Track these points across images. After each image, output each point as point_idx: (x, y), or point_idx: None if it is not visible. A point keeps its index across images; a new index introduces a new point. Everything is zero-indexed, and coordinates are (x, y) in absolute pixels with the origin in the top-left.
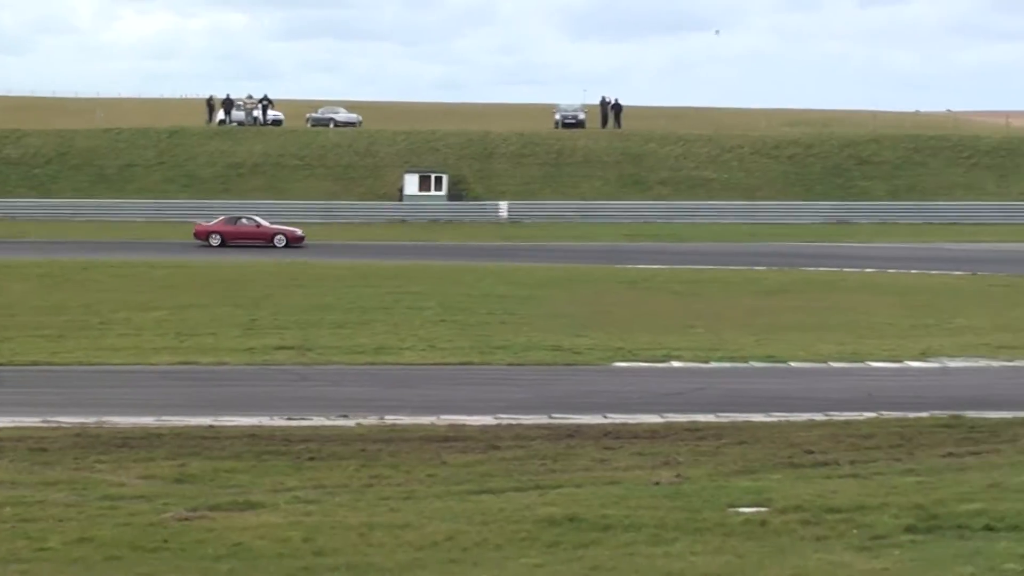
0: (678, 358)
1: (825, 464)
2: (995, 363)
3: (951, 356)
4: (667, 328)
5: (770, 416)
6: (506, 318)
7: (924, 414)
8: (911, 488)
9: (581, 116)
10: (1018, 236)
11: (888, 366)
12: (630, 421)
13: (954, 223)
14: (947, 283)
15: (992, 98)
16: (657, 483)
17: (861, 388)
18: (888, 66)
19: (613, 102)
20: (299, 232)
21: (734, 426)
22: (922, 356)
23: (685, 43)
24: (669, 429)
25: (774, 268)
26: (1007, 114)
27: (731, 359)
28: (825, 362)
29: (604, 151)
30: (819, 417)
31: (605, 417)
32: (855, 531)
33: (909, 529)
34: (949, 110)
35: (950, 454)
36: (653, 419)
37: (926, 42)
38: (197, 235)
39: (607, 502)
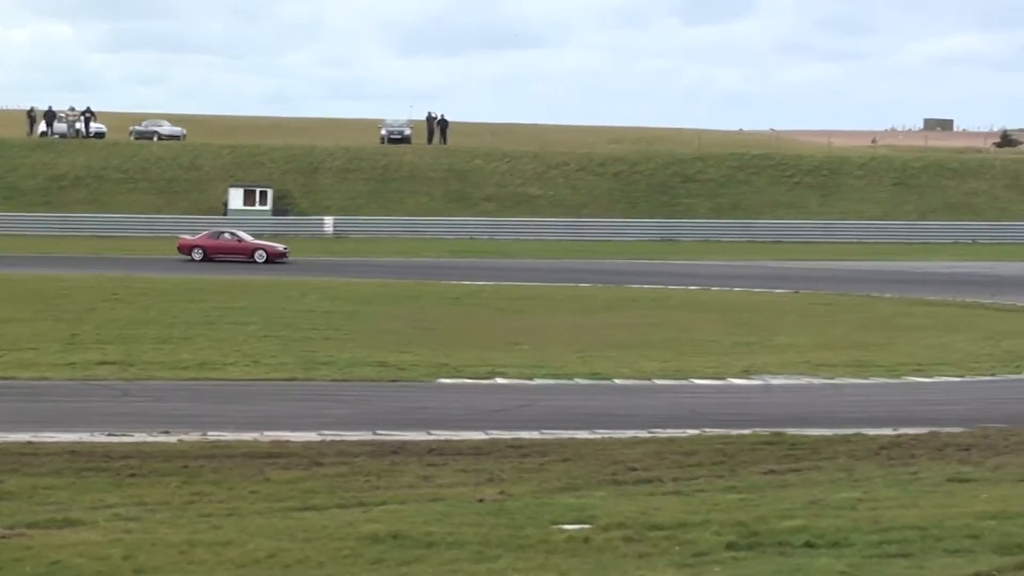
0: (503, 375)
1: (648, 481)
2: (816, 380)
3: (773, 373)
4: (492, 345)
5: (594, 433)
6: (331, 334)
7: (746, 431)
8: (733, 505)
9: (407, 132)
10: (840, 254)
11: (711, 383)
12: (454, 438)
13: (777, 241)
14: (770, 301)
15: (815, 117)
16: (481, 500)
17: (684, 405)
18: (713, 85)
19: (439, 118)
20: (280, 248)
21: (558, 443)
22: (745, 373)
23: (511, 60)
24: (493, 446)
25: (599, 285)
26: (829, 133)
27: (555, 376)
28: (649, 379)
29: (430, 167)
30: (643, 434)
31: (429, 434)
32: (677, 548)
33: (730, 546)
34: (773, 129)
35: (771, 471)
36: (477, 436)
37: (750, 61)
38: (180, 249)
39: (431, 519)
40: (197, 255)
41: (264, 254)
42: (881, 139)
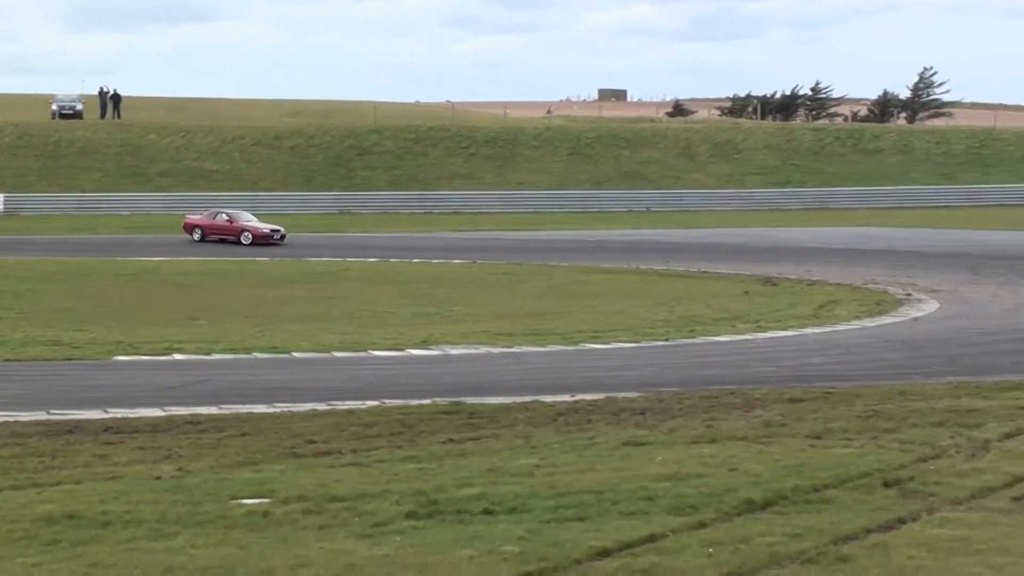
0: (180, 351)
1: (328, 453)
2: (495, 349)
3: (452, 343)
4: (169, 321)
5: (273, 407)
6: (2, 313)
7: (425, 401)
8: (412, 475)
9: (79, 107)
10: (517, 224)
11: (390, 355)
12: (131, 416)
13: (455, 212)
14: (448, 272)
15: (491, 89)
16: (158, 477)
17: (363, 377)
18: (389, 57)
19: (112, 92)
20: (266, 230)
21: (237, 418)
22: (424, 344)
23: (185, 34)
24: (171, 422)
25: (277, 259)
26: (505, 105)
27: (234, 351)
28: (328, 352)
29: (103, 142)
30: (322, 407)
31: (105, 412)
32: (357, 519)
33: (410, 515)
34: (449, 101)
35: (450, 440)
36: (155, 413)
37: (426, 34)
38: (185, 228)
39: (107, 498)
40: (196, 235)
41: (249, 235)
42: (556, 110)
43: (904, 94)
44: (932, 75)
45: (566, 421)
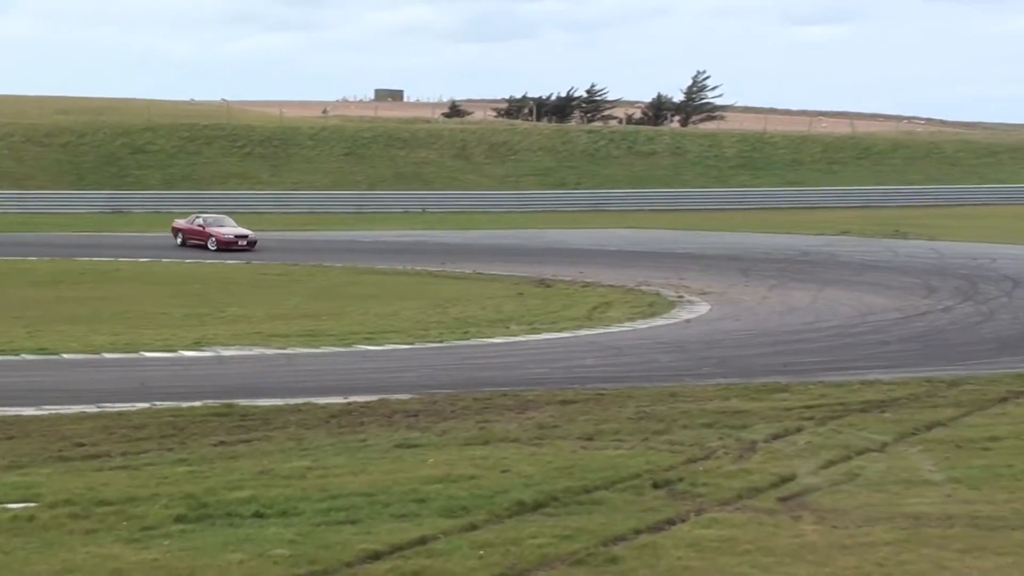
0: None
1: (96, 456)
2: (268, 351)
3: (225, 345)
4: None
5: (41, 410)
6: None
7: (197, 403)
8: (182, 478)
9: None
10: (292, 225)
11: (162, 356)
12: None
13: (229, 212)
14: (222, 272)
15: (267, 88)
16: None
17: (134, 379)
18: (165, 55)
19: None
20: (230, 235)
21: (3, 420)
22: (196, 345)
23: None
24: None
25: (47, 259)
26: (281, 104)
27: (1, 352)
28: (99, 353)
29: None
30: (91, 409)
31: None
32: (125, 523)
33: (180, 519)
34: (224, 100)
35: (222, 442)
36: None
37: (200, 30)
38: (172, 231)
39: None
40: (179, 239)
41: (215, 241)
42: (332, 109)
43: (678, 97)
44: (705, 79)
45: (339, 423)
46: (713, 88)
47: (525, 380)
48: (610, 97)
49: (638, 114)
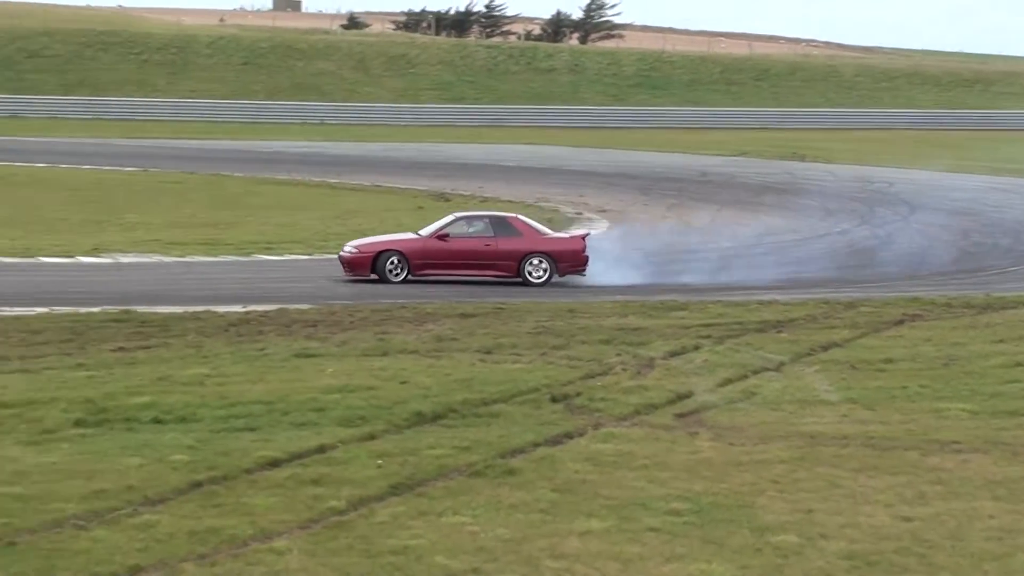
0: None
1: None
2: (167, 259)
3: (123, 251)
4: None
5: None
6: None
7: (96, 309)
8: (81, 382)
9: None
10: (189, 133)
11: (60, 261)
12: None
13: (128, 119)
14: (120, 179)
15: None
16: None
17: (32, 283)
18: None
19: None
20: None
21: None
22: (95, 251)
23: None
24: None
25: None
26: (178, 11)
27: None
28: None
29: None
30: None
31: None
32: (24, 426)
33: (79, 423)
34: (121, 6)
35: (121, 348)
36: None
37: None
38: None
39: None
40: None
41: None
42: (230, 18)
43: (576, 15)
44: None
45: (238, 332)
46: (612, 6)
47: (424, 294)
48: (509, 13)
49: (537, 30)
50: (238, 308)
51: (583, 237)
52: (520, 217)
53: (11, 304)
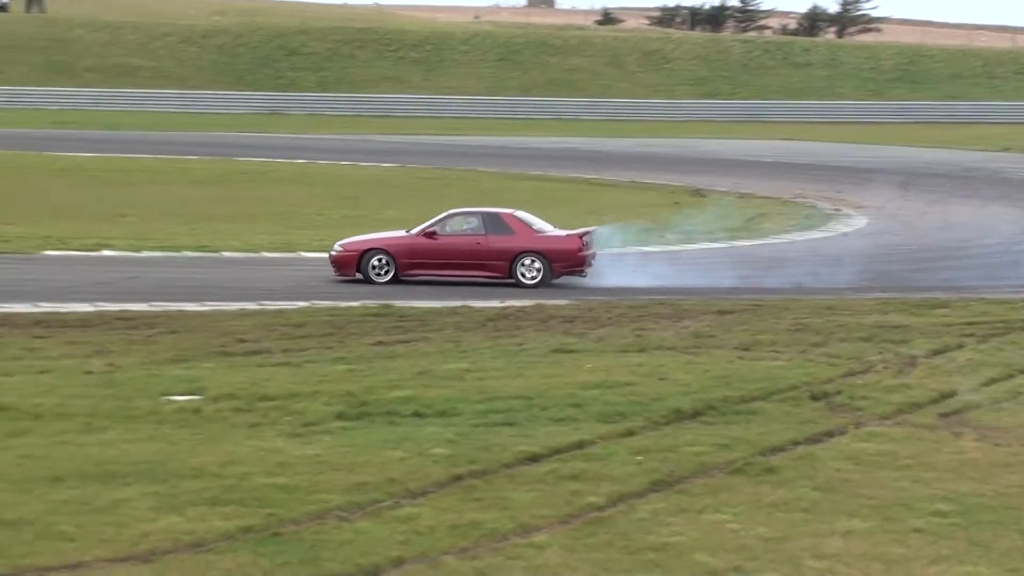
0: (109, 247)
1: (258, 352)
2: None
3: None
4: (98, 217)
5: (203, 305)
6: None
7: (355, 303)
8: (342, 376)
9: (4, 0)
10: (445, 129)
11: (319, 256)
12: (61, 310)
13: (384, 116)
14: (377, 175)
15: None
16: (89, 372)
17: (293, 278)
18: None
19: None
20: None
21: (167, 315)
22: None
23: None
24: (101, 318)
25: (206, 158)
26: (433, 9)
27: (163, 248)
28: (258, 252)
29: (29, 36)
30: (252, 306)
31: (35, 306)
32: (287, 418)
33: (340, 416)
34: (377, 4)
35: (380, 342)
36: (84, 308)
37: None
38: None
39: (39, 391)
40: None
41: None
42: (484, 15)
43: (833, 8)
44: None
45: (496, 327)
46: (869, 0)
47: (682, 289)
48: (764, 7)
49: (792, 25)
50: (495, 303)
51: (581, 236)
52: (516, 213)
53: (274, 298)
